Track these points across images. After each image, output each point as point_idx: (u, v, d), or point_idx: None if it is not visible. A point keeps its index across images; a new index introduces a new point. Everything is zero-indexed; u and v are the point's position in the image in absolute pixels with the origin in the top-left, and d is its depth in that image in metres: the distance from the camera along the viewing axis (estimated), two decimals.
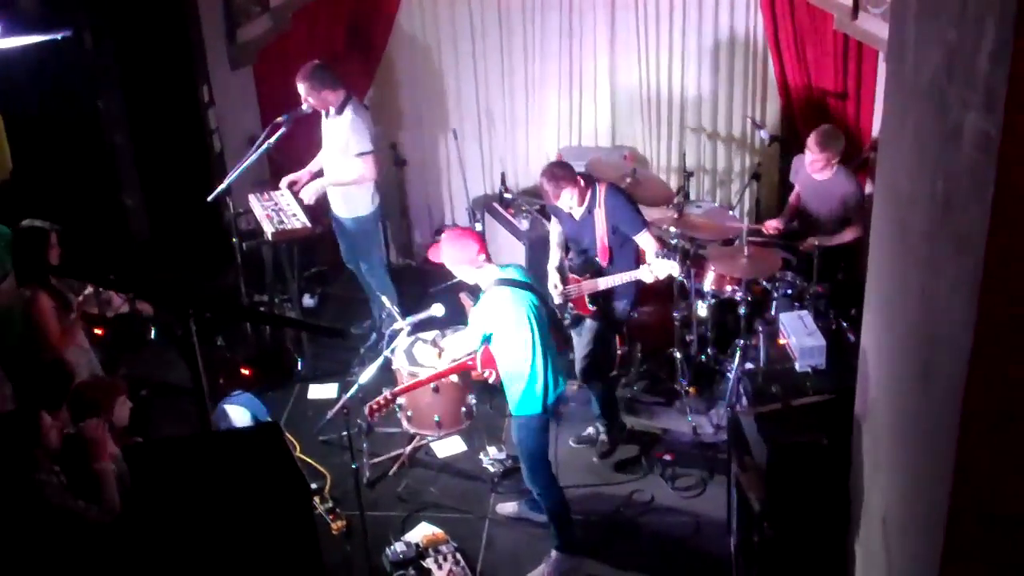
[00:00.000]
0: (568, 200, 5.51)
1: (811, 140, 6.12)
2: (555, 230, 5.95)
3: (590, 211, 5.54)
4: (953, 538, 2.99)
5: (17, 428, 4.14)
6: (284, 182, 6.56)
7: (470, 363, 5.22)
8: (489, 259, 4.93)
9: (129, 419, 4.83)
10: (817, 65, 6.80)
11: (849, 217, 6.19)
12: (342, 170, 6.37)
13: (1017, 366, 2.69)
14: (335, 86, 6.23)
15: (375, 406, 5.38)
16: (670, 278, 5.57)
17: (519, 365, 4.85)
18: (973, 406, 2.77)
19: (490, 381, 5.17)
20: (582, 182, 5.50)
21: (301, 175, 6.59)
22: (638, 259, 5.57)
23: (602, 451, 5.96)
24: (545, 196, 5.67)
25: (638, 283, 5.54)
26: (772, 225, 6.47)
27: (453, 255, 4.91)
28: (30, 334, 5.04)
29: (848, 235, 6.19)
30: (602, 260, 5.56)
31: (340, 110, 6.28)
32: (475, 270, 4.89)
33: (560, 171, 5.51)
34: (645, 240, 5.53)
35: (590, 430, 6.04)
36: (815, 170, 6.18)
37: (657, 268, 5.31)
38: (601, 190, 5.53)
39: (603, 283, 5.54)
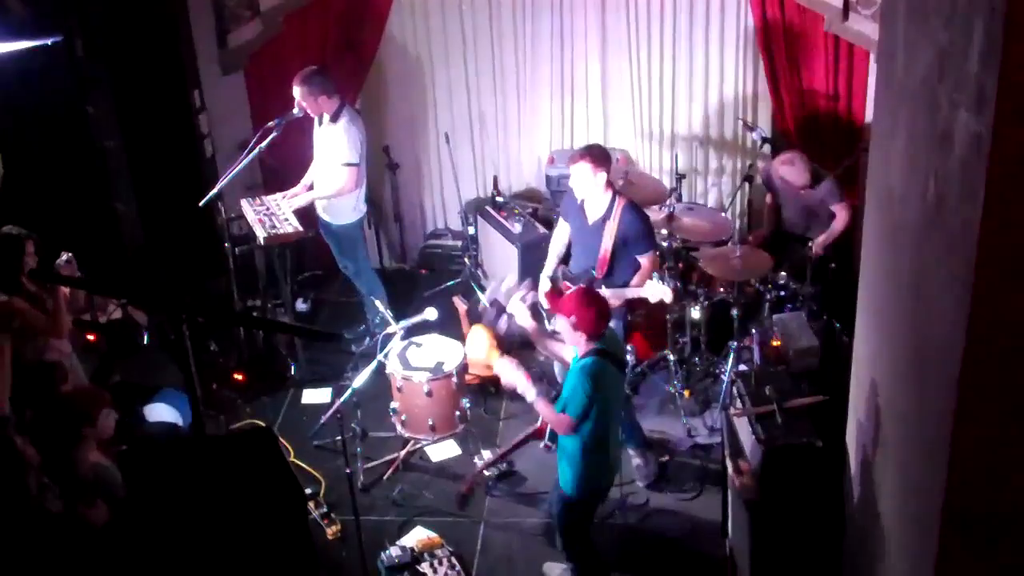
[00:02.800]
0: (592, 182, 5.38)
1: (790, 171, 6.30)
2: (558, 237, 5.86)
3: (603, 220, 5.48)
4: (948, 537, 2.99)
5: None
6: (281, 198, 6.53)
7: (539, 429, 4.83)
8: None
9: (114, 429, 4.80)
10: (808, 67, 6.82)
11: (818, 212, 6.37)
12: (328, 180, 6.39)
13: (1010, 364, 2.70)
14: (331, 93, 6.23)
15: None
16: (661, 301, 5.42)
17: (589, 443, 4.52)
18: (967, 405, 2.78)
19: (550, 449, 4.81)
20: (608, 180, 5.44)
21: (297, 191, 6.58)
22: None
23: (648, 477, 5.74)
24: (583, 162, 5.39)
25: (627, 304, 5.54)
26: (759, 235, 6.54)
27: (588, 323, 4.38)
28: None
29: (839, 224, 6.31)
30: (598, 272, 5.51)
31: (335, 118, 6.27)
32: (584, 336, 4.42)
33: (599, 151, 5.46)
34: (648, 263, 5.51)
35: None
36: (799, 181, 6.32)
37: (651, 290, 5.29)
38: (620, 203, 5.46)
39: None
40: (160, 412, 5.64)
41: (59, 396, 4.75)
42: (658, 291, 5.29)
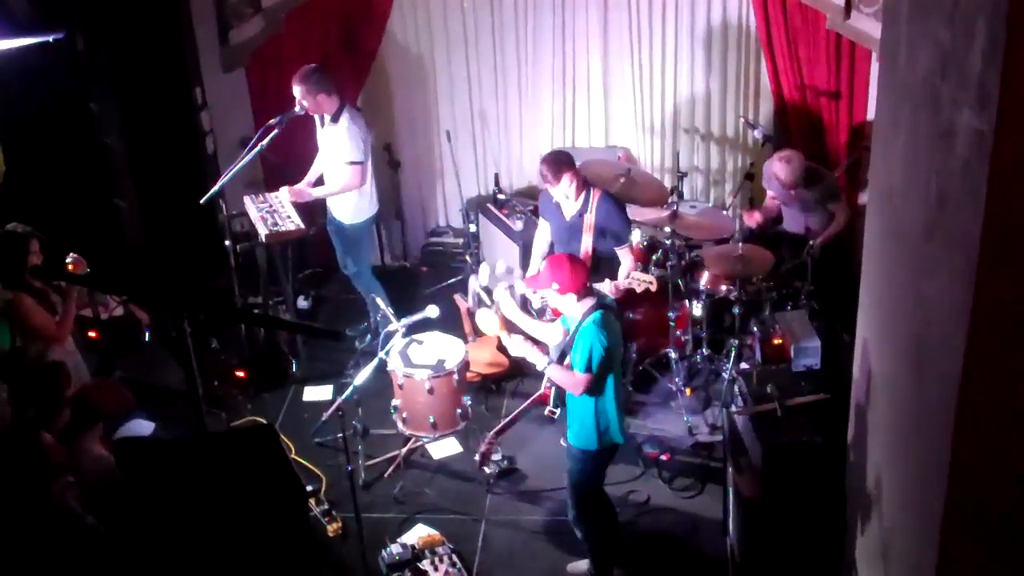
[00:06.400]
0: (565, 188, 5.52)
1: (783, 168, 6.25)
2: (541, 237, 5.95)
3: (581, 214, 5.57)
4: (949, 536, 3.00)
5: (19, 447, 4.17)
6: (284, 192, 6.52)
7: (545, 392, 4.88)
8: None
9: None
10: (810, 65, 6.81)
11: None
12: (333, 179, 6.38)
13: (1011, 363, 2.70)
14: (330, 91, 6.21)
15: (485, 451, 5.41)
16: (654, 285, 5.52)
17: (604, 393, 4.60)
18: (968, 403, 2.78)
19: (554, 416, 4.87)
20: (581, 178, 5.54)
21: (302, 187, 6.57)
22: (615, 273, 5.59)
23: None
24: (543, 180, 5.61)
25: (618, 298, 5.57)
26: (754, 218, 6.53)
27: (568, 280, 4.50)
28: (16, 337, 5.03)
29: (835, 226, 6.34)
30: None
31: (336, 118, 6.26)
32: (575, 296, 4.53)
33: (563, 156, 5.57)
34: (625, 253, 5.62)
35: None
36: (787, 180, 6.31)
37: (636, 279, 5.42)
38: (595, 195, 5.58)
39: None
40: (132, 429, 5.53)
41: (84, 387, 4.77)
42: (643, 280, 5.39)
